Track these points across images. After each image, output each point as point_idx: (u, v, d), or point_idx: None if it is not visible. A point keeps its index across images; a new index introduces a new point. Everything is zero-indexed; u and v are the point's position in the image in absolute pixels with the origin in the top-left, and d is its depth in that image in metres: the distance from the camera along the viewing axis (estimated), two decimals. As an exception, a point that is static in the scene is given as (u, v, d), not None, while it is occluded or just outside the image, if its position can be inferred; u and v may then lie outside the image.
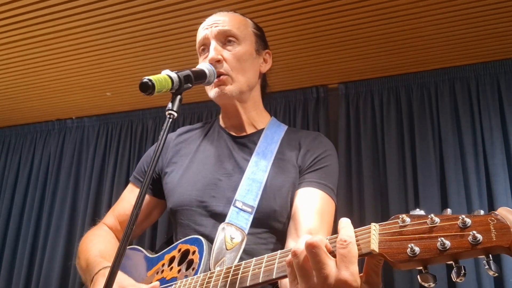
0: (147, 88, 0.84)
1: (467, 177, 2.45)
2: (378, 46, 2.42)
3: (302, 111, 2.92)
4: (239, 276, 0.84)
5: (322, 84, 2.92)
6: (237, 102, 1.23)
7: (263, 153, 1.20)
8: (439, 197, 2.48)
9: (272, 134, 1.26)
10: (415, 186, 2.56)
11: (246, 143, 1.25)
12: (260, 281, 0.79)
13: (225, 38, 1.20)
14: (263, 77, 1.35)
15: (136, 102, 3.31)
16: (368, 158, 2.68)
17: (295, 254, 0.70)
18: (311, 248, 0.67)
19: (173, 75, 0.90)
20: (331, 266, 0.67)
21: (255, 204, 1.11)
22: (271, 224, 1.13)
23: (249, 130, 1.28)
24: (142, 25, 2.24)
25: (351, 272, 0.65)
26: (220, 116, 1.34)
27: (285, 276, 0.76)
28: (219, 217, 1.12)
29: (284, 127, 1.31)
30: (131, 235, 0.79)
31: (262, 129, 1.27)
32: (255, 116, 1.29)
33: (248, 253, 1.07)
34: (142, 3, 2.07)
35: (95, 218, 1.35)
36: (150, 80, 0.85)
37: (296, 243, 0.73)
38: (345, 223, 0.71)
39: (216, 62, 1.16)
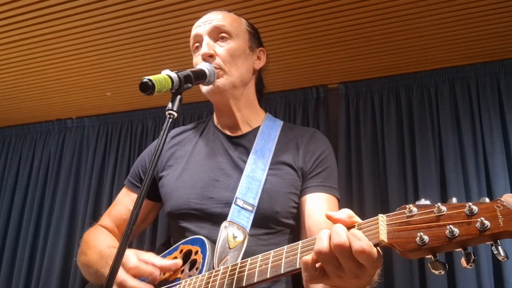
0: (147, 88, 0.84)
1: (467, 177, 2.45)
2: (378, 46, 2.42)
3: (302, 111, 2.92)
4: (245, 273, 0.85)
5: (322, 84, 2.92)
6: (230, 98, 1.22)
7: (261, 151, 1.19)
8: (439, 197, 2.48)
9: (269, 131, 1.25)
10: (415, 186, 2.56)
11: (242, 142, 1.24)
12: (268, 276, 0.80)
13: (218, 34, 1.21)
14: (259, 78, 1.35)
15: (136, 102, 3.31)
16: (368, 158, 2.67)
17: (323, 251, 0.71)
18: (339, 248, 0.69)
19: (173, 75, 0.90)
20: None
21: (255, 202, 1.11)
22: (272, 226, 1.13)
23: (244, 129, 1.27)
24: (142, 25, 2.24)
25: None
26: (214, 115, 1.33)
27: (293, 271, 0.77)
28: (218, 218, 1.12)
29: (279, 123, 1.31)
30: (131, 235, 0.79)
31: (258, 127, 1.27)
32: (249, 114, 1.28)
33: (248, 255, 1.06)
34: (142, 3, 2.07)
35: (96, 218, 1.35)
36: (150, 80, 0.85)
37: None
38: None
39: (209, 57, 1.17)
